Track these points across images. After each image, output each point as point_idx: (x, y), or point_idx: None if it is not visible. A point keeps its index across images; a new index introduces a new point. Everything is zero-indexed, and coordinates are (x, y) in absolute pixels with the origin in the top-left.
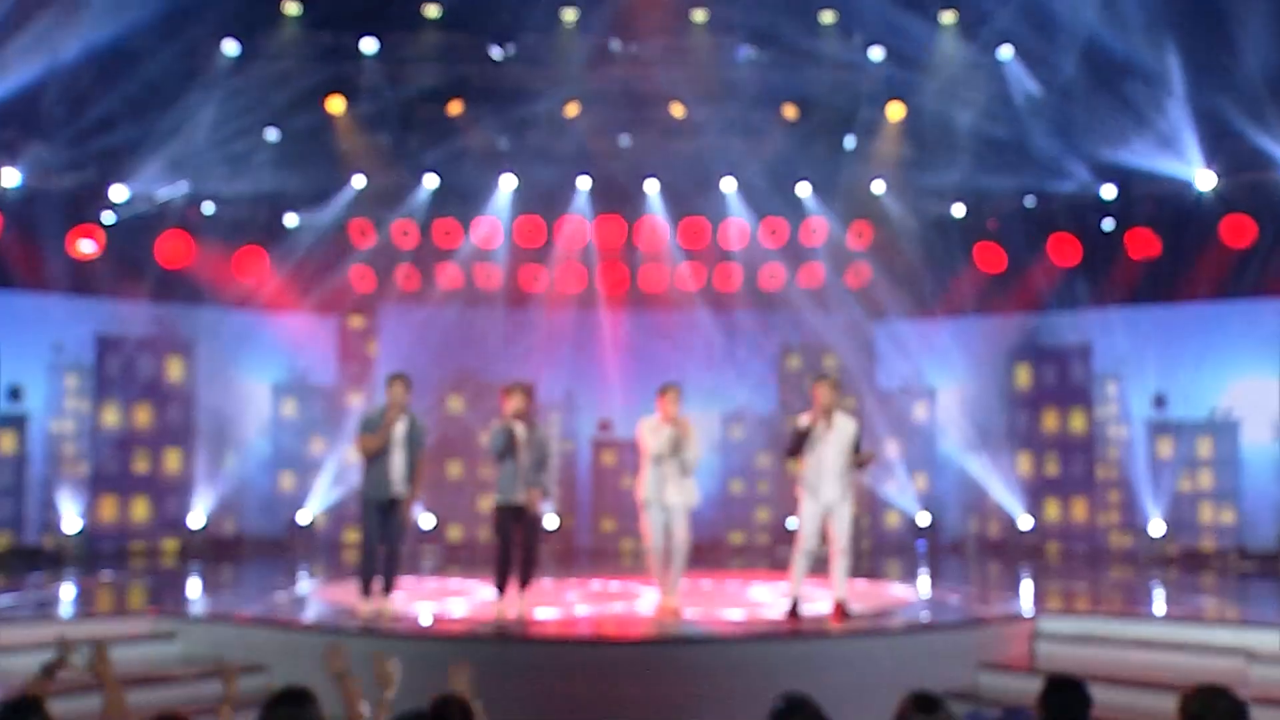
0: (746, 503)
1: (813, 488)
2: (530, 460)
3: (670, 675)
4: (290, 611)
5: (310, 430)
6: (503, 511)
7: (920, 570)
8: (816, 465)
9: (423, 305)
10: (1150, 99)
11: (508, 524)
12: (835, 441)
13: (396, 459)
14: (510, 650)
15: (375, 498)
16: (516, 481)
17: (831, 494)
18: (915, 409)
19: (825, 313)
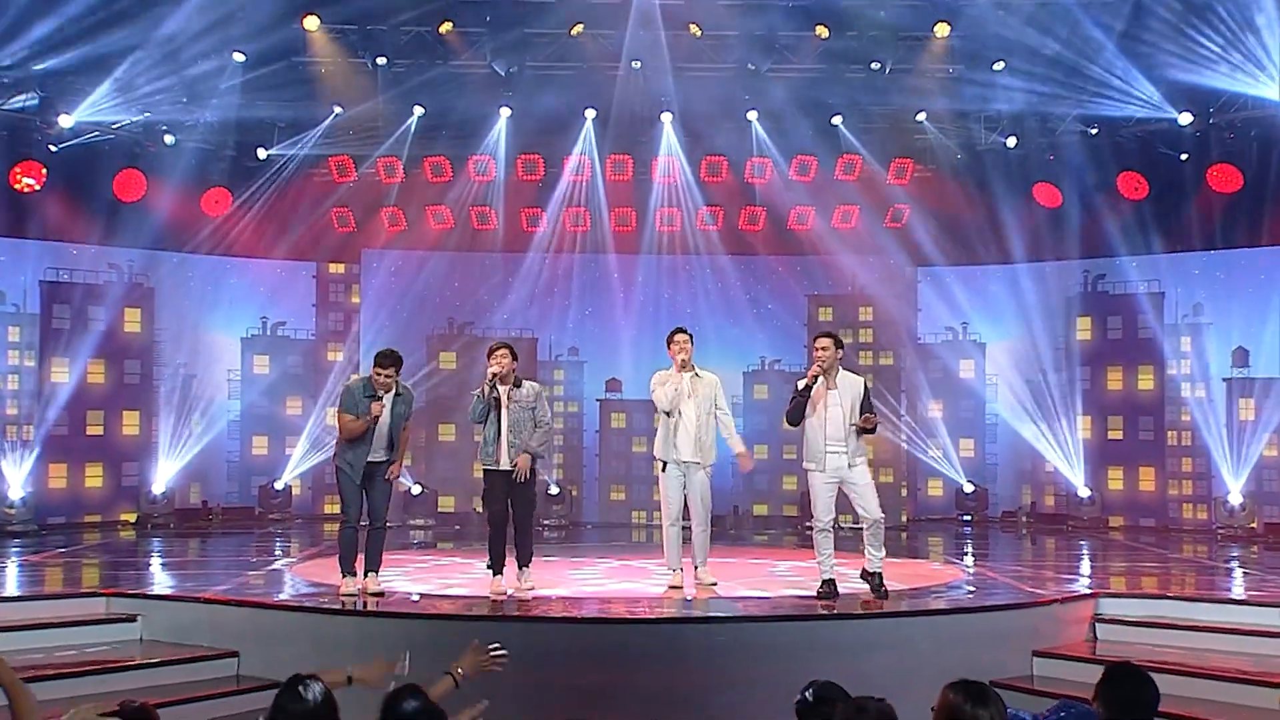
0: (772, 470)
1: (816, 455)
2: (514, 421)
3: (687, 660)
4: (264, 590)
5: (285, 389)
6: (490, 477)
7: (966, 546)
8: (819, 431)
9: (410, 250)
10: (1235, 14)
11: (497, 493)
12: (839, 403)
13: (379, 437)
14: (509, 632)
15: (354, 468)
16: (498, 443)
17: (839, 460)
18: (961, 366)
19: (861, 259)
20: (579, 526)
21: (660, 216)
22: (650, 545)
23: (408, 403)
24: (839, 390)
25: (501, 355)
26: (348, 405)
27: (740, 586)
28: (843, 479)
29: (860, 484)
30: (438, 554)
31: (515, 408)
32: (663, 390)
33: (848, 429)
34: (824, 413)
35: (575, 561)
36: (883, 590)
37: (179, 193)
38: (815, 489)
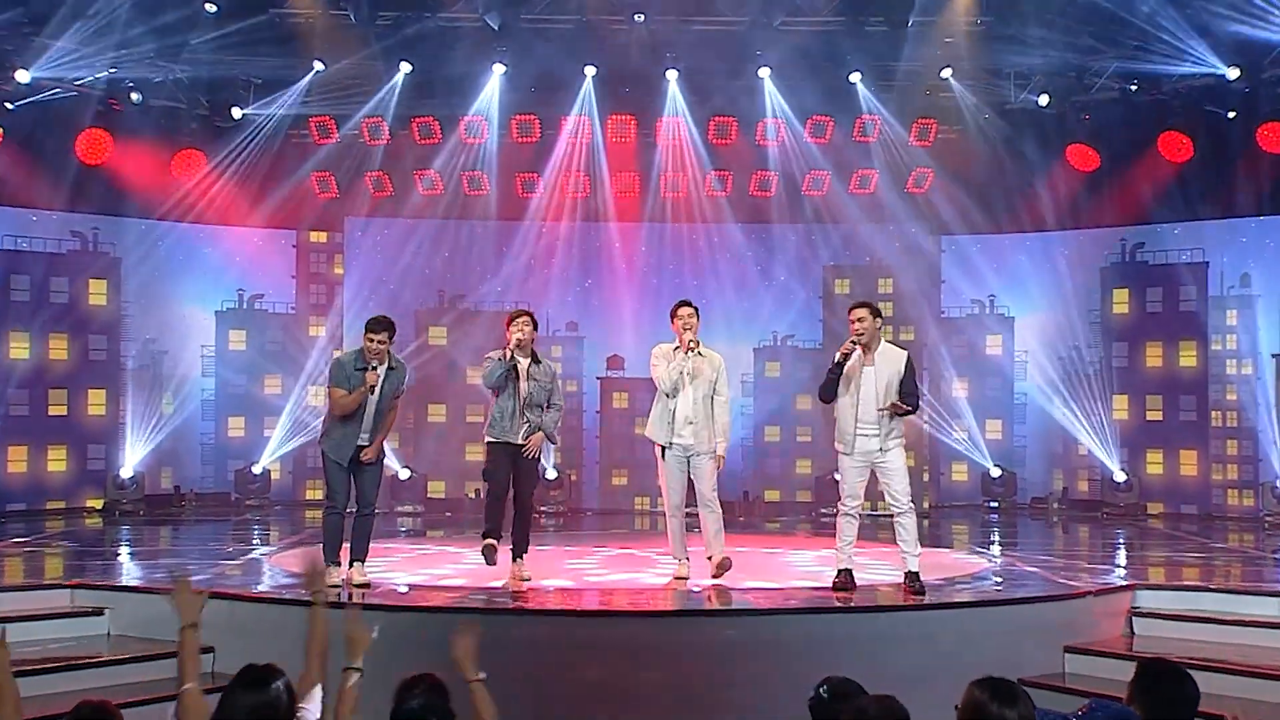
0: (784, 454)
1: (846, 437)
2: (532, 396)
3: (694, 655)
4: (241, 582)
5: (263, 366)
6: (496, 450)
7: (993, 535)
8: (850, 410)
9: (396, 218)
10: None
11: (501, 465)
12: (873, 380)
13: (369, 418)
14: (502, 625)
15: (340, 454)
16: (516, 418)
17: (870, 444)
18: (988, 342)
19: (880, 227)
20: (578, 513)
21: (665, 182)
22: (654, 533)
23: (401, 377)
24: (876, 366)
25: (524, 322)
26: (338, 379)
27: (751, 578)
28: (872, 462)
29: (891, 468)
30: (427, 542)
31: (533, 384)
32: (665, 368)
33: (880, 409)
34: (857, 391)
35: (574, 550)
36: (919, 587)
37: (147, 155)
38: (843, 472)
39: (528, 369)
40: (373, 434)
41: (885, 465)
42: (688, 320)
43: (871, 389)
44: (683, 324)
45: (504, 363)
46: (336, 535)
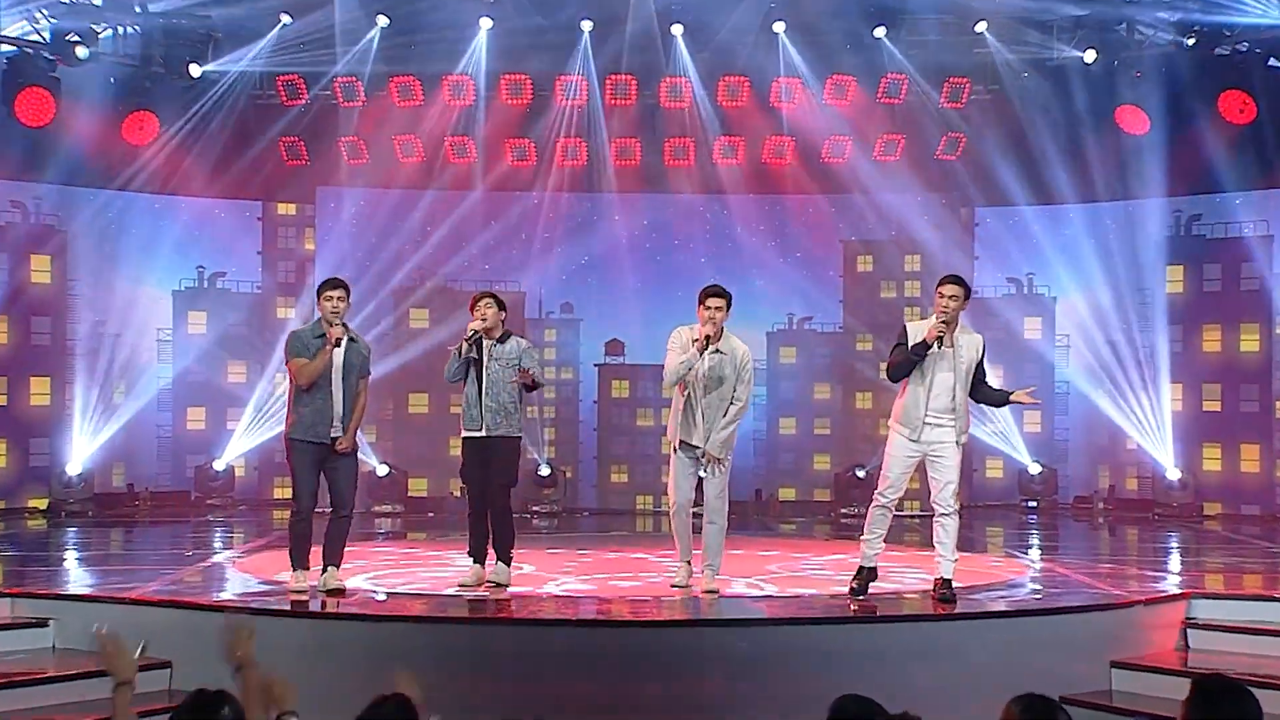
0: (801, 448)
1: (913, 422)
2: (494, 381)
3: (700, 669)
4: (202, 589)
5: (226, 352)
6: (465, 447)
7: (1031, 537)
8: (923, 395)
9: (373, 188)
10: None
11: (471, 464)
12: (950, 365)
13: (336, 390)
14: (490, 635)
15: (309, 439)
16: (477, 406)
17: (938, 434)
18: (1026, 325)
19: (907, 198)
20: (573, 514)
21: (669, 148)
22: (658, 536)
23: (363, 354)
24: (954, 350)
25: (485, 306)
26: (296, 349)
27: (763, 584)
28: (931, 454)
29: (949, 464)
30: (408, 546)
31: (495, 366)
32: (674, 363)
33: (957, 399)
34: (932, 376)
35: (569, 554)
36: (948, 595)
37: (95, 117)
38: (893, 454)
39: (489, 350)
40: (345, 420)
41: (943, 460)
42: (714, 313)
43: (949, 375)
44: (708, 316)
45: (459, 357)
46: (304, 542)
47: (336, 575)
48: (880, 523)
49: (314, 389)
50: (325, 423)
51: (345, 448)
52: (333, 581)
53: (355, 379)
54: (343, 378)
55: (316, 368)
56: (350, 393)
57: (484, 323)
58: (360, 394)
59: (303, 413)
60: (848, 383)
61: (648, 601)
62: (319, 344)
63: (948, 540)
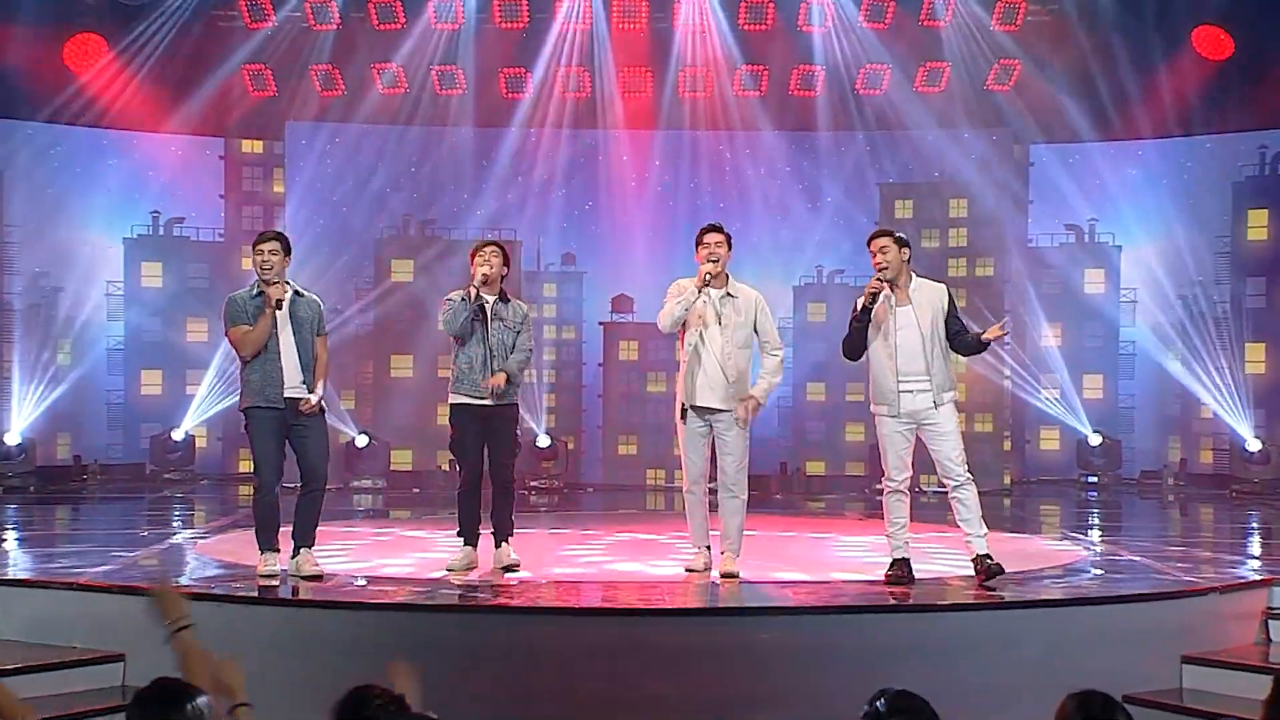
0: (831, 417)
1: (887, 395)
2: (499, 344)
3: (719, 663)
4: (159, 574)
5: (185, 307)
6: (462, 414)
7: (1091, 517)
8: (887, 362)
9: (350, 124)
10: None
11: (469, 433)
12: (913, 321)
13: (288, 347)
14: (483, 626)
15: (260, 404)
16: (485, 369)
17: (919, 401)
18: (1087, 278)
19: (952, 134)
20: (577, 489)
21: (684, 79)
22: (670, 514)
23: (314, 309)
24: (913, 305)
25: (491, 253)
26: (234, 316)
27: (788, 568)
28: (921, 423)
29: (943, 430)
30: (390, 525)
31: (499, 326)
32: (671, 306)
33: (930, 356)
34: (894, 337)
35: (572, 535)
36: (993, 564)
37: (31, 39)
38: (886, 437)
39: (493, 309)
40: (305, 377)
41: (936, 427)
42: (714, 250)
43: (915, 333)
44: (707, 253)
45: (468, 304)
46: (270, 521)
47: (310, 558)
48: (899, 509)
49: (259, 357)
50: (276, 384)
51: (310, 408)
52: (306, 566)
53: (309, 334)
54: (294, 334)
55: (259, 335)
56: (307, 349)
57: (490, 270)
58: (319, 354)
59: (250, 380)
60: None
61: (658, 587)
62: (257, 306)
63: (970, 514)
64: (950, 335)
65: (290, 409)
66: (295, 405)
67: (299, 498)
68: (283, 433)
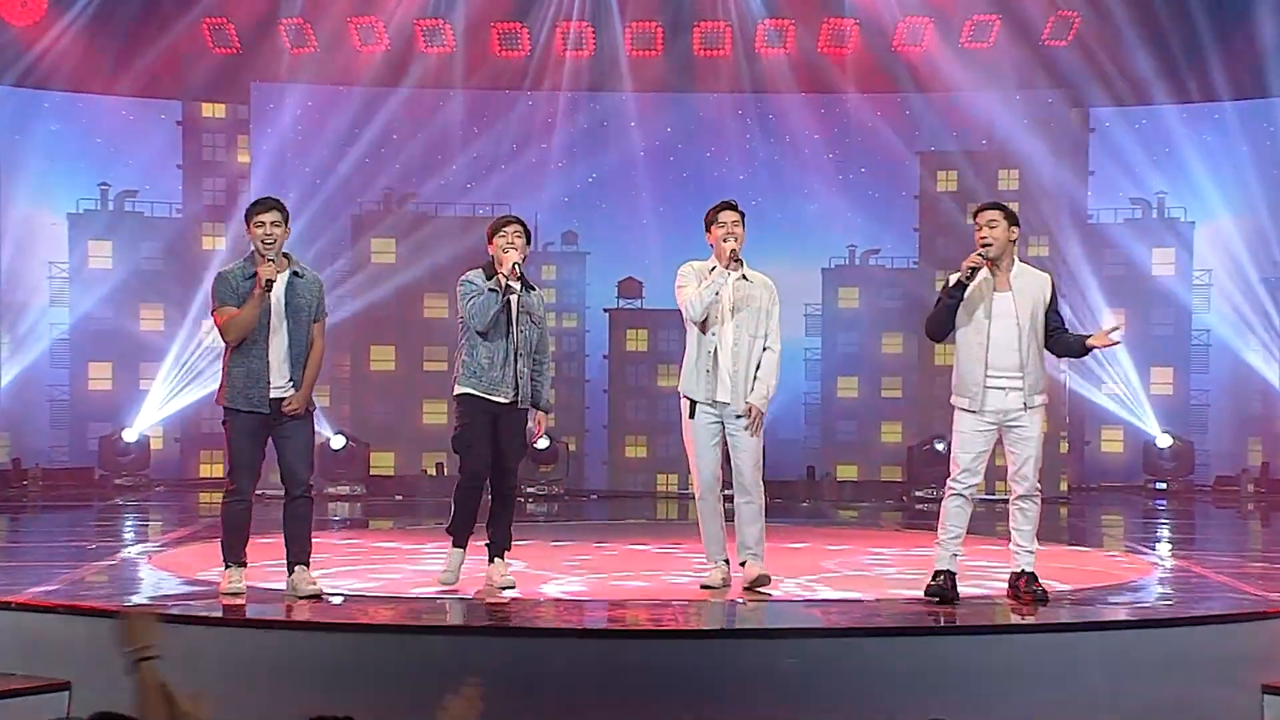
0: (865, 415)
1: (971, 389)
2: (526, 339)
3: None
4: (108, 592)
5: (138, 292)
6: (475, 407)
7: (1159, 528)
8: (977, 352)
9: (324, 85)
10: None
11: (482, 430)
12: (1011, 311)
13: (277, 340)
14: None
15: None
16: (507, 368)
17: (1008, 400)
18: (1155, 258)
19: (1003, 97)
20: (579, 496)
21: (699, 35)
22: (683, 524)
23: (314, 291)
24: (1013, 292)
25: (515, 234)
26: (223, 295)
27: (816, 585)
28: (1004, 425)
29: (1028, 435)
30: (370, 536)
31: (525, 320)
32: (695, 288)
33: (1026, 352)
34: (988, 325)
35: (573, 547)
36: (1040, 591)
37: None
38: (963, 435)
39: (520, 300)
40: (293, 373)
41: (1021, 431)
42: (731, 229)
43: (1011, 323)
44: (725, 233)
45: (499, 294)
46: (239, 531)
47: (307, 575)
48: (958, 517)
49: (246, 343)
50: (259, 385)
51: (293, 409)
52: (304, 584)
53: (305, 323)
54: (286, 322)
55: (246, 320)
56: (299, 341)
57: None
58: (315, 341)
59: (233, 375)
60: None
61: (670, 607)
62: (250, 286)
63: (1029, 528)
64: (1048, 331)
65: (275, 411)
66: (275, 405)
67: (285, 508)
68: (264, 435)
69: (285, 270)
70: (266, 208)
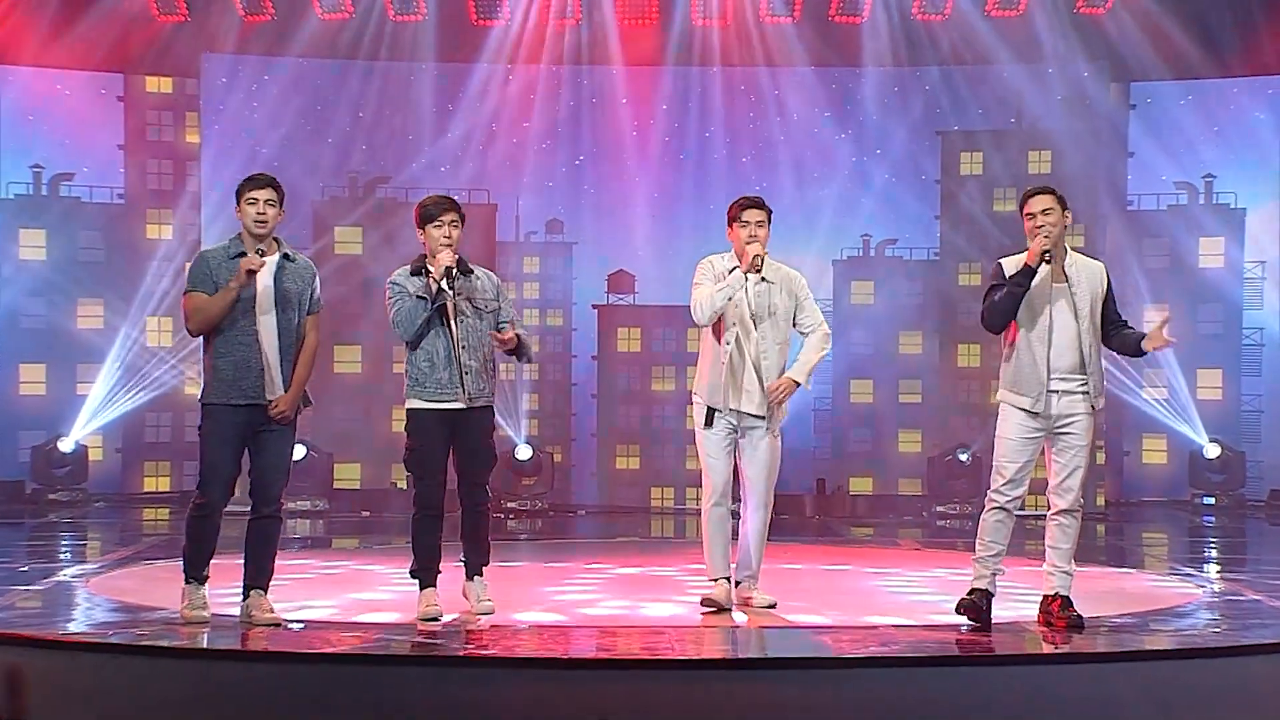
0: (881, 422)
1: (1033, 388)
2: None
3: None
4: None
5: (76, 286)
6: (424, 421)
7: (1206, 546)
8: (1043, 349)
9: (282, 57)
10: None
11: (434, 445)
12: (1069, 305)
13: (267, 331)
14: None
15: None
16: (451, 369)
17: (1070, 404)
18: (1202, 248)
19: (1033, 70)
20: (565, 512)
21: (698, 3)
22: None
23: (306, 279)
24: (1070, 284)
25: (451, 223)
26: (197, 278)
27: (827, 610)
28: (1056, 430)
29: (1079, 443)
30: (333, 556)
31: (469, 309)
32: (709, 288)
33: (1088, 351)
34: (1048, 320)
35: (559, 569)
36: (1075, 617)
37: None
38: (1009, 438)
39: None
40: (283, 367)
41: (1071, 439)
42: (755, 230)
43: (1070, 319)
44: (748, 232)
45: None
46: (207, 544)
47: (265, 601)
48: (998, 532)
49: (231, 331)
50: (253, 375)
51: (280, 412)
52: (261, 611)
53: (296, 312)
54: (275, 310)
55: (214, 310)
56: (289, 331)
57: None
58: (308, 335)
59: (220, 368)
60: (947, 331)
61: (665, 634)
62: (233, 271)
63: (1067, 547)
64: (1106, 326)
65: (262, 408)
66: (263, 408)
67: (250, 526)
68: (244, 440)
69: (275, 254)
70: (260, 184)
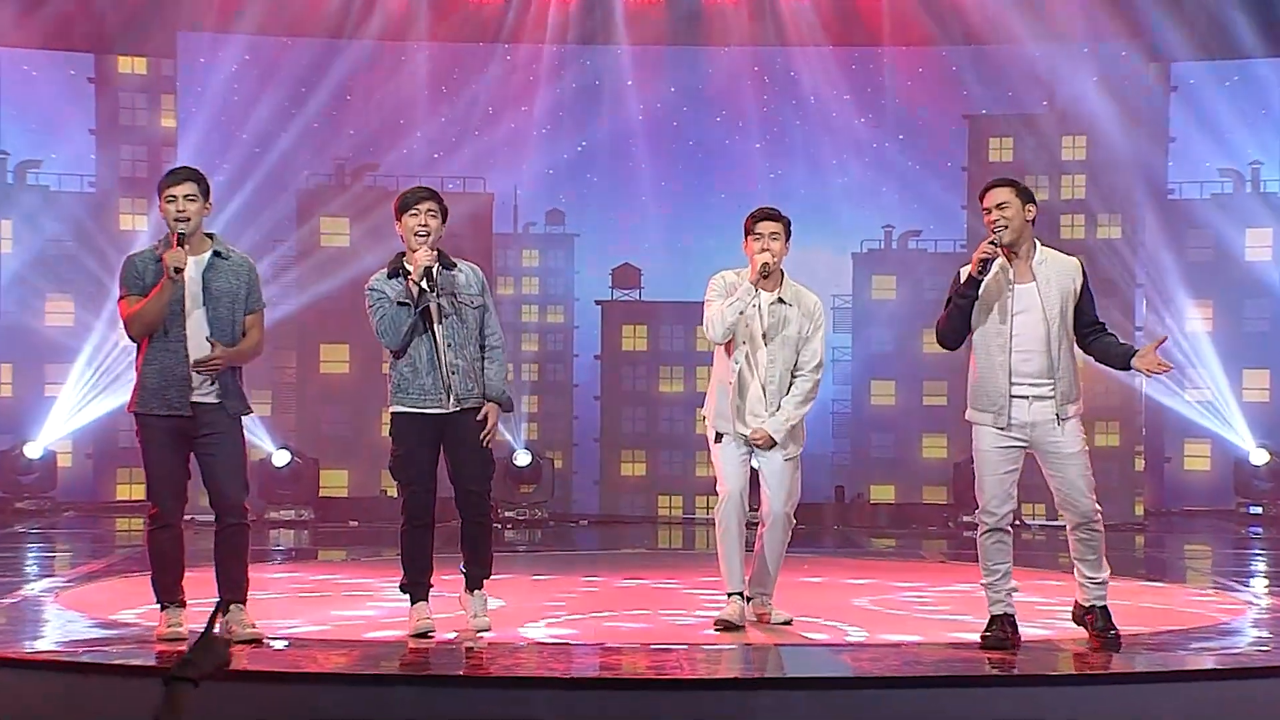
0: (903, 426)
1: (994, 400)
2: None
3: None
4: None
5: (44, 281)
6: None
7: (1253, 559)
8: (1001, 356)
9: (265, 36)
10: None
11: (420, 452)
12: (1036, 305)
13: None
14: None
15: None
16: (435, 372)
17: (1036, 411)
18: (1248, 240)
19: (1066, 51)
20: (565, 522)
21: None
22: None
23: (241, 276)
24: (1037, 282)
25: (429, 214)
26: (128, 282)
27: (847, 626)
28: (1035, 442)
29: (1066, 452)
30: (320, 569)
31: (450, 306)
32: (720, 307)
33: (1056, 353)
34: (1008, 325)
35: (560, 581)
36: (1112, 635)
37: None
38: (984, 456)
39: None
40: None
41: (1057, 448)
42: (768, 241)
43: (1038, 320)
44: (761, 245)
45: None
46: (171, 562)
47: (244, 616)
48: (1000, 553)
49: (161, 338)
50: (177, 383)
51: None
52: (241, 627)
53: (229, 311)
54: (205, 309)
55: (150, 312)
56: (222, 333)
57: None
58: (249, 334)
59: (146, 375)
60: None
61: (673, 653)
62: (159, 272)
63: (1094, 556)
64: (1080, 329)
65: (197, 417)
66: (205, 415)
67: (216, 536)
68: (184, 445)
69: (207, 252)
70: (179, 179)
